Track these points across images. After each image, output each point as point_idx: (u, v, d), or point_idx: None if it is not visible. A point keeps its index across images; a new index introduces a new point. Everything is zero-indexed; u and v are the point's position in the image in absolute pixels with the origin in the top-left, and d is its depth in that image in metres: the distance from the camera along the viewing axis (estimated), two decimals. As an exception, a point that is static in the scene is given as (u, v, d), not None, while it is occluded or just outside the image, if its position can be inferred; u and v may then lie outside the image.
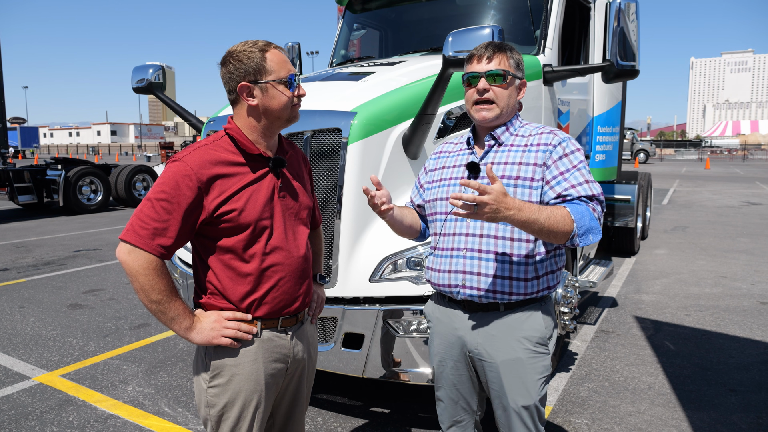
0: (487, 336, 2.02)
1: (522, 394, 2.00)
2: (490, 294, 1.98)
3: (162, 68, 4.21)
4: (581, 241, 1.84)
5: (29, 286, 6.86)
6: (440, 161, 2.22)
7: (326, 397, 3.81)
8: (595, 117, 5.79)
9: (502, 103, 2.01)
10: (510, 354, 1.99)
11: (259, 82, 1.74)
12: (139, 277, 1.65)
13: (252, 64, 1.73)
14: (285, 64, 1.78)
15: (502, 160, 2.02)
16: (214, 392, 1.80)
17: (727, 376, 4.10)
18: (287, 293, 1.85)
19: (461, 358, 2.11)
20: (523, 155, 1.99)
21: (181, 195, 1.67)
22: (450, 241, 2.06)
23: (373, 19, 5.74)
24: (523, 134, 2.06)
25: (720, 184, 22.23)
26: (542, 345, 2.03)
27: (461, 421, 2.22)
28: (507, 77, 2.00)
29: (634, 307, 5.87)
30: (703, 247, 9.08)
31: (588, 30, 5.29)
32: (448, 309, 2.12)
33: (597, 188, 1.92)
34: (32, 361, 4.53)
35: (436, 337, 2.18)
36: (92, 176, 14.29)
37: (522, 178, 1.96)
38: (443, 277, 2.07)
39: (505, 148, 2.04)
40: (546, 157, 1.96)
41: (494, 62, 1.99)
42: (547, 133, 2.03)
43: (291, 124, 1.86)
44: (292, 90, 1.79)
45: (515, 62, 2.04)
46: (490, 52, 2.00)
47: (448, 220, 2.07)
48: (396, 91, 3.47)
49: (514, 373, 1.99)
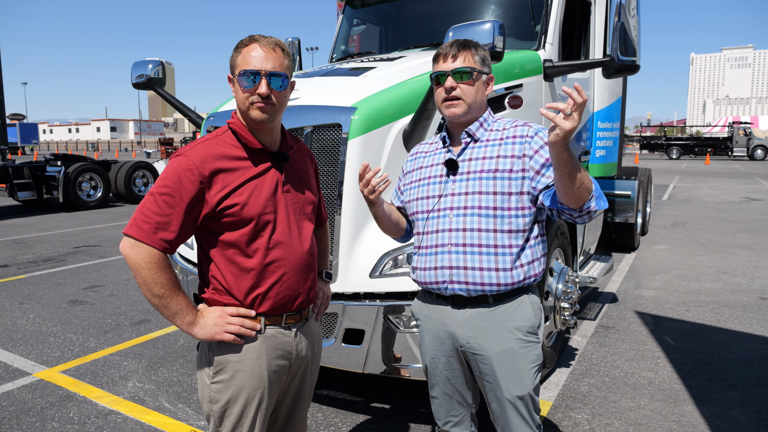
0: (478, 329, 2.04)
1: (516, 385, 2.02)
2: (478, 287, 2.01)
3: (161, 64, 4.20)
4: (596, 204, 1.87)
5: (29, 283, 6.86)
6: (417, 162, 2.25)
7: (327, 393, 3.82)
8: (595, 112, 5.78)
9: (469, 99, 2.04)
10: (502, 345, 2.02)
11: (233, 75, 1.78)
12: (142, 271, 1.65)
13: (232, 59, 1.78)
14: (252, 59, 1.72)
15: (480, 155, 2.06)
16: (217, 388, 1.80)
17: (727, 372, 4.11)
18: (291, 288, 1.85)
19: (453, 353, 2.13)
20: (500, 149, 2.04)
21: (184, 189, 1.67)
22: (434, 238, 2.08)
23: (372, 15, 5.73)
24: (497, 128, 2.11)
25: (720, 179, 22.23)
26: (533, 334, 2.07)
27: (457, 416, 2.24)
28: (473, 74, 2.03)
29: (634, 302, 5.87)
30: (703, 242, 9.09)
31: (588, 25, 5.28)
32: (437, 306, 2.14)
33: None
34: (33, 357, 4.53)
35: (426, 334, 2.19)
36: (92, 172, 14.28)
37: (500, 170, 2.01)
38: (430, 274, 2.09)
39: (481, 143, 2.08)
40: (524, 148, 2.00)
41: (459, 60, 2.02)
42: (521, 125, 2.07)
43: (259, 124, 1.77)
44: (247, 86, 1.72)
45: (480, 58, 2.07)
46: (455, 50, 2.03)
47: (430, 218, 2.10)
48: (396, 87, 3.47)
49: (507, 364, 2.02)
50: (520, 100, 3.84)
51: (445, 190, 2.07)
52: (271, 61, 1.74)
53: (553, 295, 3.89)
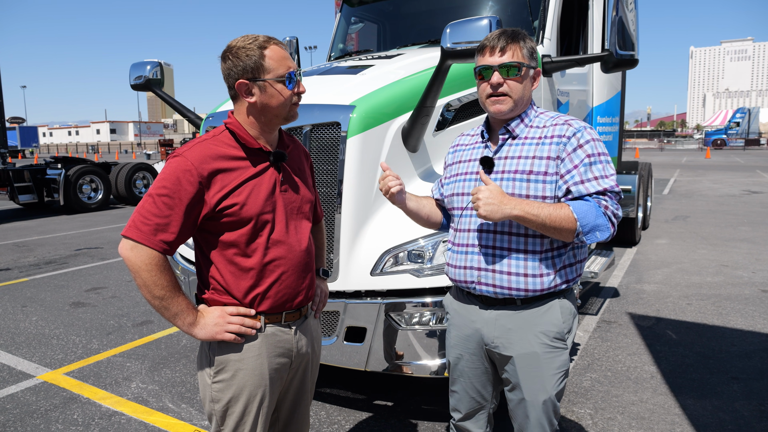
0: (504, 330, 2.00)
1: (538, 389, 1.98)
2: (505, 290, 1.96)
3: (160, 65, 4.20)
4: (587, 239, 1.83)
5: (31, 286, 6.88)
6: (457, 155, 2.20)
7: (330, 391, 3.82)
8: (594, 107, 5.78)
9: (516, 96, 1.94)
10: (526, 348, 1.97)
11: (258, 80, 1.72)
12: (142, 273, 1.65)
13: (250, 62, 1.70)
14: (284, 60, 1.75)
15: (516, 154, 1.97)
16: (218, 387, 1.81)
17: (729, 364, 4.11)
18: (290, 287, 1.85)
19: (478, 350, 2.10)
20: (537, 149, 1.93)
21: (183, 190, 1.66)
22: (465, 237, 2.05)
23: (370, 13, 5.72)
24: (537, 125, 1.99)
25: (720, 173, 22.20)
26: (560, 340, 1.98)
27: (475, 413, 2.21)
28: (521, 69, 1.92)
29: (636, 297, 5.87)
30: (704, 236, 9.08)
31: (586, 20, 5.27)
32: (466, 303, 2.11)
33: (609, 182, 1.86)
34: (36, 359, 4.54)
35: (453, 329, 2.17)
36: (92, 175, 14.28)
37: (535, 172, 1.91)
38: (459, 273, 2.06)
39: (519, 141, 1.98)
40: (560, 149, 1.90)
41: (508, 54, 1.91)
42: (561, 124, 1.95)
43: (290, 122, 1.84)
44: (291, 87, 1.76)
45: (529, 51, 1.95)
46: (503, 42, 1.92)
47: (464, 216, 2.06)
48: (394, 84, 3.47)
49: (530, 368, 1.98)
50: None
51: None
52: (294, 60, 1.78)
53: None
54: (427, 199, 2.29)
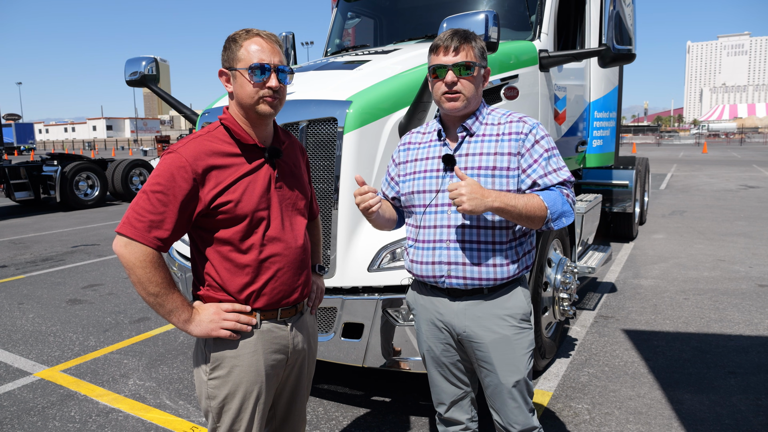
0: (474, 318, 2.07)
1: (512, 371, 2.07)
2: (476, 281, 2.04)
3: (155, 60, 4.17)
4: (555, 225, 1.97)
5: (28, 283, 6.86)
6: (411, 153, 2.22)
7: (327, 387, 3.82)
8: (591, 102, 5.77)
9: (469, 94, 2.00)
10: (497, 333, 2.06)
11: (232, 69, 1.75)
12: (137, 270, 1.64)
13: (230, 51, 1.75)
14: (259, 53, 1.72)
15: (477, 150, 2.04)
16: (214, 384, 1.80)
17: (726, 359, 4.12)
18: (286, 284, 1.85)
19: (450, 340, 2.16)
20: (497, 145, 2.02)
21: (177, 187, 1.65)
22: (431, 233, 2.08)
23: (367, 8, 5.70)
24: (491, 122, 2.08)
25: (717, 168, 22.24)
26: (526, 321, 2.12)
27: (459, 400, 2.26)
28: (474, 68, 1.99)
29: (633, 291, 5.88)
30: (701, 230, 9.10)
31: (584, 15, 5.25)
32: (432, 297, 2.16)
33: (566, 173, 2.02)
34: (33, 357, 4.53)
35: (423, 324, 2.21)
36: (89, 171, 14.24)
37: (499, 168, 2.00)
38: (427, 268, 2.09)
39: (478, 138, 2.06)
40: (519, 146, 2.01)
41: (461, 54, 1.98)
42: (516, 121, 2.06)
43: (265, 118, 1.78)
44: (257, 80, 1.72)
45: (480, 51, 2.03)
46: (456, 42, 1.98)
47: (428, 212, 2.09)
48: (391, 80, 3.45)
49: (503, 351, 2.06)
50: (516, 91, 3.82)
51: (443, 186, 2.06)
52: (277, 55, 1.74)
53: (552, 285, 3.89)
54: (384, 202, 2.26)
